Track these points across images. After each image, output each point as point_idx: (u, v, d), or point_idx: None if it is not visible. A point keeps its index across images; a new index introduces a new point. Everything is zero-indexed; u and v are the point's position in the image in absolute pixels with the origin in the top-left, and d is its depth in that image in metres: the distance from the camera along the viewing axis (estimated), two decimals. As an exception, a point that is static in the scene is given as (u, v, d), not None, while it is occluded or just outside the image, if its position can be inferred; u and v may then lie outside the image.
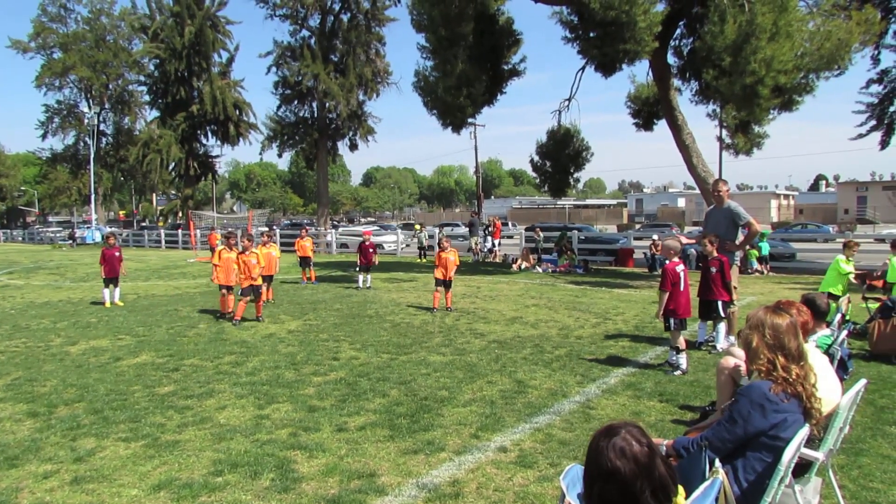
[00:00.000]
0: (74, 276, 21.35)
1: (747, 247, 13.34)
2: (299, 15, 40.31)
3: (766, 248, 19.56)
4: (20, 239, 61.61)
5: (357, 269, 16.53)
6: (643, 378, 7.06)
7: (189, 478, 4.48)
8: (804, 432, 2.87)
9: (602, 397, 6.35)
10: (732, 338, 8.49)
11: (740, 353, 4.77)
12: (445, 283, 12.27)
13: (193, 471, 4.62)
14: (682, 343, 7.34)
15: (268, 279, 13.70)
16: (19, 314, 12.70)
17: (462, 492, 4.22)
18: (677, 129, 18.88)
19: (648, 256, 20.75)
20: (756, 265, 19.01)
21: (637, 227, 57.82)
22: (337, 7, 40.74)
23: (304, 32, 41.05)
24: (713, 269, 8.31)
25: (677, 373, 7.18)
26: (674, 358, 7.37)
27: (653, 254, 20.41)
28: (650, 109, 22.42)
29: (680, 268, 7.51)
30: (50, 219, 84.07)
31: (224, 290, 12.01)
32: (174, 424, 5.66)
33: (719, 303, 8.28)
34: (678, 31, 19.76)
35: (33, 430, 5.58)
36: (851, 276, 9.99)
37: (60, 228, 60.27)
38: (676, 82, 20.47)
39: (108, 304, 13.62)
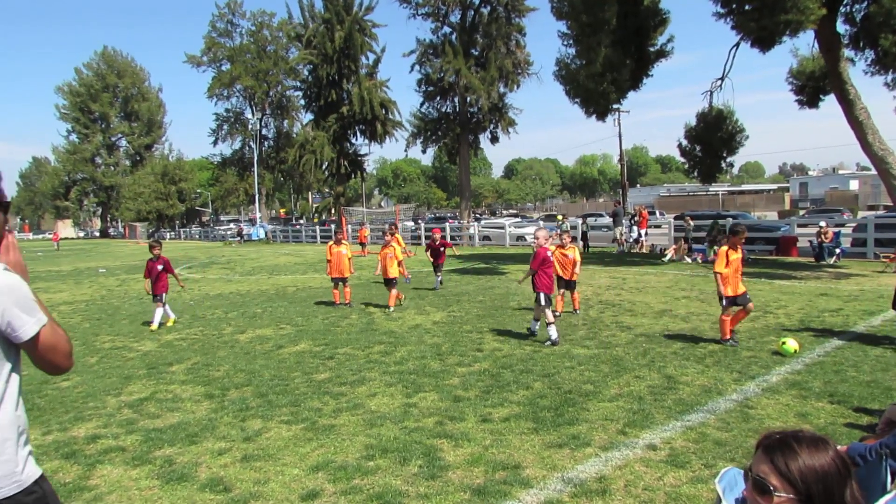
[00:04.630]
0: (242, 270, 23.31)
1: None
2: (440, 12, 41.18)
3: None
4: (197, 237, 68.29)
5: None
6: (810, 377, 6.48)
7: (344, 461, 4.74)
8: None
9: (762, 396, 5.91)
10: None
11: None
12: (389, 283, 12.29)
13: (348, 454, 4.87)
14: (549, 317, 8.47)
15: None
16: (197, 305, 14.07)
17: (609, 489, 4.11)
18: (849, 105, 17.07)
19: (815, 245, 18.97)
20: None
21: (801, 213, 53.15)
22: (477, 1, 41.08)
23: (446, 29, 41.92)
24: None
25: (547, 343, 8.29)
26: (535, 327, 8.90)
27: (820, 242, 18.66)
28: (815, 84, 20.45)
29: (549, 252, 8.89)
30: (221, 218, 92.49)
31: (337, 284, 13.02)
32: (330, 409, 6.00)
33: None
34: (849, -6, 17.82)
35: (209, 410, 6.17)
36: None
37: (231, 227, 66.06)
38: (847, 52, 18.48)
39: (154, 327, 10.83)
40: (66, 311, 13.93)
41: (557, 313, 10.34)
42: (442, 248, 15.53)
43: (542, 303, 8.55)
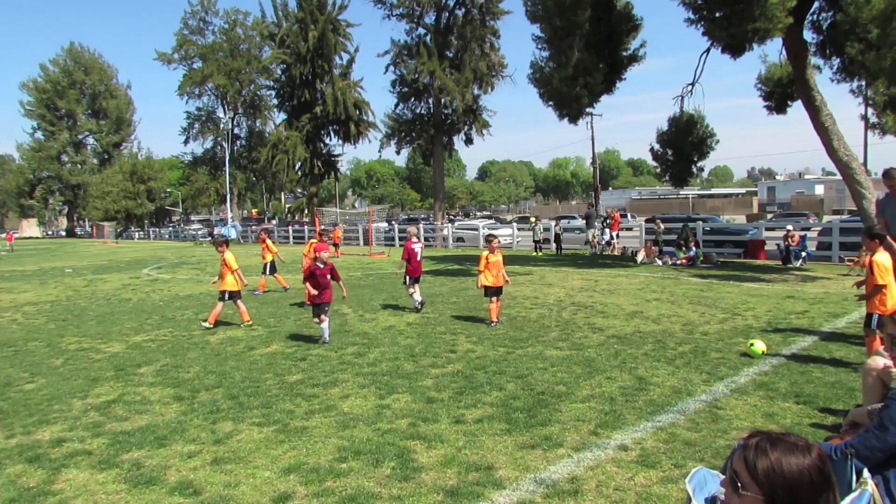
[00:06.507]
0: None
1: None
2: (415, 13, 41.12)
3: None
4: (167, 237, 67.18)
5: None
6: (777, 377, 6.61)
7: (316, 463, 4.70)
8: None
9: (731, 397, 6.01)
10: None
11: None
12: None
13: (320, 456, 4.84)
14: (411, 292, 11.77)
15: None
16: (166, 306, 13.85)
17: (581, 489, 4.15)
18: (815, 111, 17.45)
19: (782, 248, 19.36)
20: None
21: (769, 216, 54.22)
22: (451, 3, 41.13)
23: (420, 30, 41.86)
24: None
25: (417, 305, 11.64)
26: (416, 301, 11.70)
27: (787, 245, 19.05)
28: (784, 91, 20.84)
29: (417, 246, 11.76)
30: (192, 217, 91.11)
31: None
32: (302, 411, 5.95)
33: None
34: (816, 4, 18.23)
35: (179, 412, 6.07)
36: None
37: (201, 227, 65.10)
38: (814, 60, 18.89)
39: None
40: (31, 311, 13.61)
41: (493, 323, 10.01)
42: (331, 278, 9.28)
43: (407, 283, 11.89)
